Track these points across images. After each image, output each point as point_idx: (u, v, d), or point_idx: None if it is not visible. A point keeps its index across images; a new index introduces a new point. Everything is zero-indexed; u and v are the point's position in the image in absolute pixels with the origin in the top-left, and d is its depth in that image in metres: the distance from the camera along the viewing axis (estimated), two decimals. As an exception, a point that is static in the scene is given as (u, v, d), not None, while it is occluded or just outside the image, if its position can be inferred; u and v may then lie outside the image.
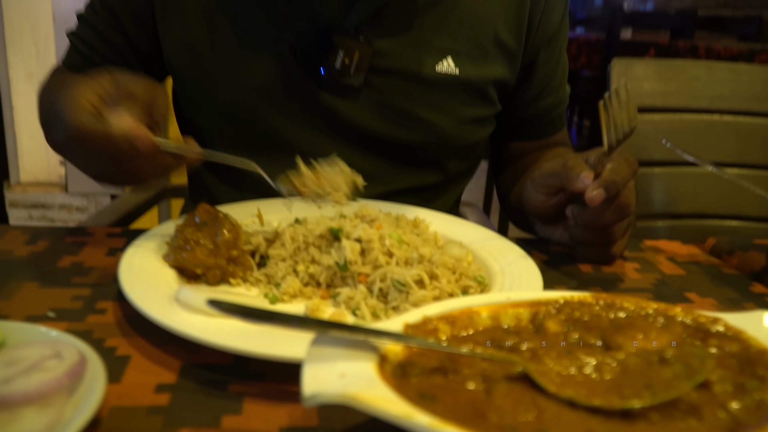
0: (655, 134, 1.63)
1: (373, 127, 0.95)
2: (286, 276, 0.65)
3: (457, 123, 0.99)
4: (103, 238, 0.80)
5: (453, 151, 1.02)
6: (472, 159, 1.09)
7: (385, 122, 0.95)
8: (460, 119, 0.99)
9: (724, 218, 1.65)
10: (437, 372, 0.44)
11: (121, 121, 0.63)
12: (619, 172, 0.72)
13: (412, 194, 0.99)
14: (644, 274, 0.79)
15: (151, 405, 0.49)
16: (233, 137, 0.96)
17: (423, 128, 0.97)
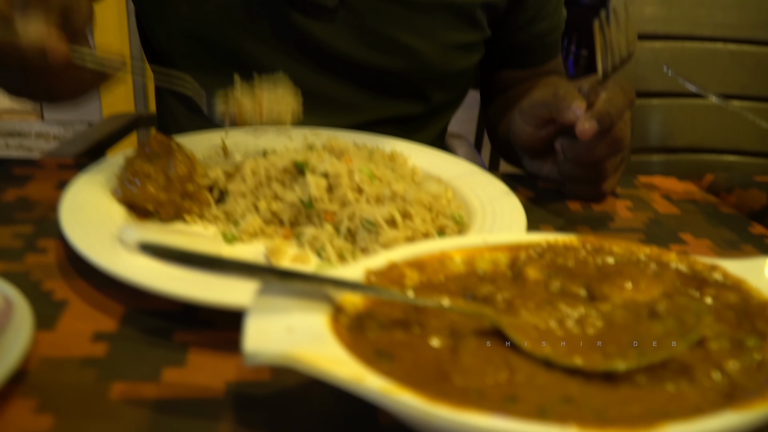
0: (656, 63, 1.55)
1: (350, 52, 0.87)
2: (245, 213, 0.59)
3: (442, 49, 0.91)
4: (54, 170, 0.74)
5: (437, 80, 0.95)
6: (459, 89, 1.01)
7: (362, 47, 0.87)
8: (445, 45, 0.91)
9: (722, 153, 1.59)
10: (399, 325, 0.39)
11: (29, 28, 0.54)
12: (614, 103, 0.66)
13: (393, 125, 0.93)
14: (636, 213, 0.74)
15: (86, 356, 0.44)
16: (200, 60, 0.89)
17: (404, 54, 0.89)
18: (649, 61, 1.54)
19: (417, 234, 0.56)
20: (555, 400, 0.32)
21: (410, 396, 0.30)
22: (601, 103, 0.65)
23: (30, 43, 0.54)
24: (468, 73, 1.00)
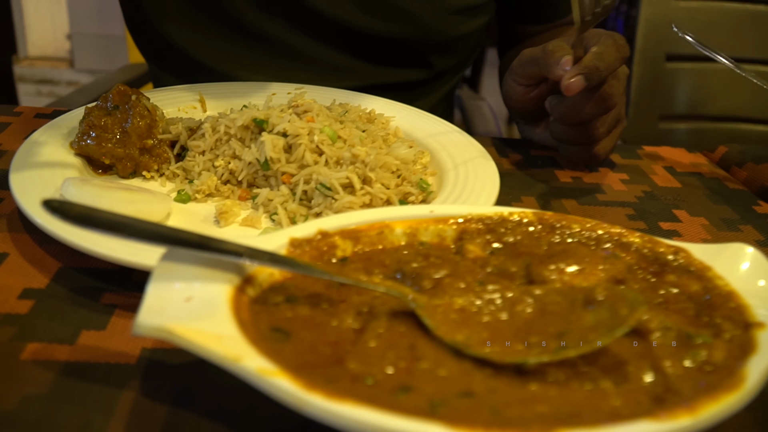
0: (691, 23, 1.45)
1: (347, 17, 0.82)
2: (202, 171, 0.57)
3: (442, 14, 0.85)
4: (29, 119, 0.72)
5: (438, 46, 0.89)
6: (464, 54, 0.95)
7: (359, 12, 0.82)
8: (446, 9, 0.85)
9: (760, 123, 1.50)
10: (310, 301, 0.36)
11: None
12: (605, 57, 0.60)
13: (393, 90, 0.87)
14: (631, 186, 0.69)
15: (8, 313, 0.43)
16: (196, 22, 0.84)
17: (402, 19, 0.84)
18: (684, 22, 1.45)
19: (376, 200, 0.53)
20: (452, 394, 0.29)
21: (285, 380, 0.28)
22: (589, 57, 0.60)
23: None
24: (473, 37, 0.94)
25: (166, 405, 0.36)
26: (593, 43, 0.61)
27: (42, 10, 2.59)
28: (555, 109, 0.66)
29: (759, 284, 0.38)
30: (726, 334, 0.35)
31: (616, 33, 0.64)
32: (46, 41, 2.64)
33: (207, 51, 0.85)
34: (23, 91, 2.64)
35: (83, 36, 2.51)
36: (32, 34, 2.63)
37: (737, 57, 1.48)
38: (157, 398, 0.36)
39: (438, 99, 0.98)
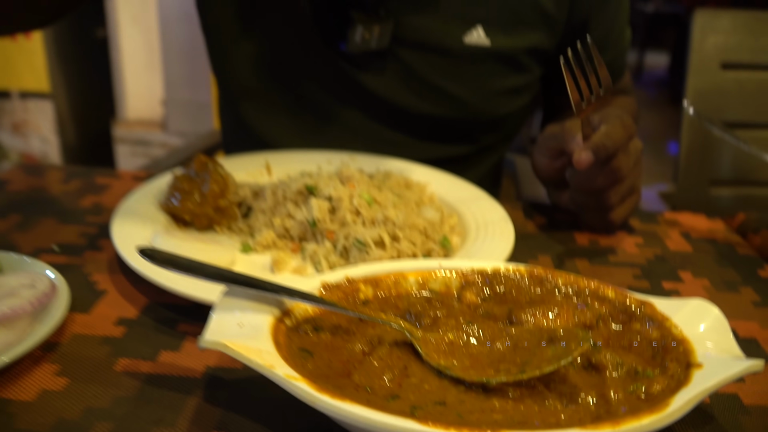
0: (740, 93, 1.51)
1: (399, 100, 0.93)
2: (262, 228, 0.68)
3: (488, 96, 0.94)
4: (128, 181, 0.87)
5: (484, 125, 0.98)
6: (508, 128, 1.03)
7: (411, 95, 0.92)
8: (491, 92, 0.94)
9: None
10: (333, 330, 0.46)
11: None
12: (611, 136, 0.69)
13: (440, 166, 0.93)
14: (644, 249, 0.76)
15: (107, 336, 0.55)
16: (267, 96, 0.97)
17: (451, 102, 0.93)
18: (733, 91, 1.50)
19: (402, 255, 0.63)
20: (429, 402, 0.39)
21: (305, 384, 0.38)
22: (597, 136, 0.69)
23: None
24: (518, 113, 1.01)
25: (221, 408, 0.46)
26: (602, 122, 0.70)
27: (140, 78, 2.89)
28: (572, 180, 0.74)
29: (707, 332, 0.45)
30: (670, 371, 0.43)
31: (624, 114, 0.72)
32: (142, 106, 2.93)
33: (273, 127, 0.98)
34: (120, 151, 2.92)
35: (175, 102, 2.78)
36: (130, 100, 2.92)
37: (787, 126, 1.51)
38: (214, 402, 0.47)
39: (484, 172, 1.05)
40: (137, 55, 2.83)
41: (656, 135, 4.81)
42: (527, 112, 1.05)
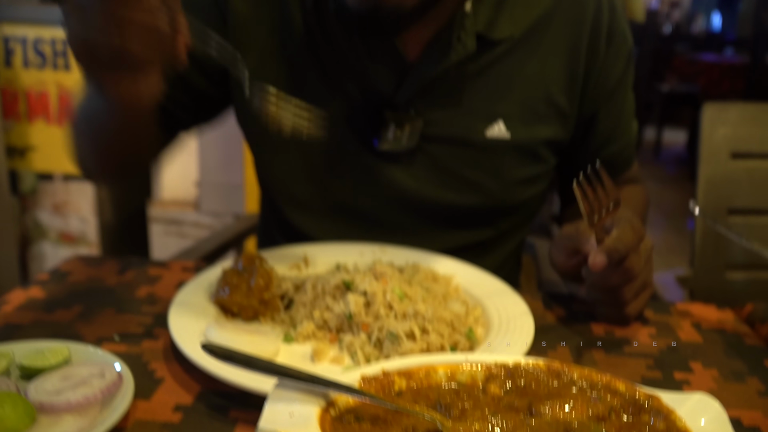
0: (750, 181, 1.57)
1: (427, 192, 1.00)
2: (303, 320, 0.75)
3: (508, 184, 1.01)
4: (177, 272, 0.95)
5: (504, 210, 1.05)
6: (525, 214, 1.11)
7: (438, 187, 1.00)
8: (511, 180, 1.01)
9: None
10: (373, 420, 0.52)
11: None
12: (623, 240, 0.76)
13: (461, 252, 1.01)
14: (657, 340, 0.81)
15: (166, 421, 0.61)
16: (301, 195, 1.04)
17: (474, 190, 1.00)
18: (743, 180, 1.56)
19: (432, 347, 0.69)
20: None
21: (350, 470, 0.44)
22: (610, 240, 0.76)
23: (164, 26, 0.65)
24: (534, 200, 1.08)
25: (271, 490, 0.52)
26: (614, 226, 0.77)
27: (176, 160, 3.03)
28: (588, 278, 0.81)
29: (708, 425, 0.51)
30: (674, 460, 0.48)
31: (634, 218, 0.79)
32: (176, 187, 3.07)
33: (309, 221, 1.05)
34: (154, 230, 3.04)
35: (209, 183, 2.91)
36: (166, 181, 3.06)
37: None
38: (265, 486, 0.53)
39: (505, 255, 1.12)
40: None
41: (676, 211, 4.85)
42: (543, 198, 1.13)
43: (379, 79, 0.96)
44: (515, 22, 0.96)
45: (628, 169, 1.14)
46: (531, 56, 0.97)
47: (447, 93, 0.97)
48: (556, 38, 0.98)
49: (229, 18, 0.98)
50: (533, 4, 0.97)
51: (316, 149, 1.00)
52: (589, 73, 1.00)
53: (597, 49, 0.99)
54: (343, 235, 1.03)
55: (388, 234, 1.02)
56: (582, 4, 0.98)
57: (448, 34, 0.93)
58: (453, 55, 0.93)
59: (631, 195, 1.11)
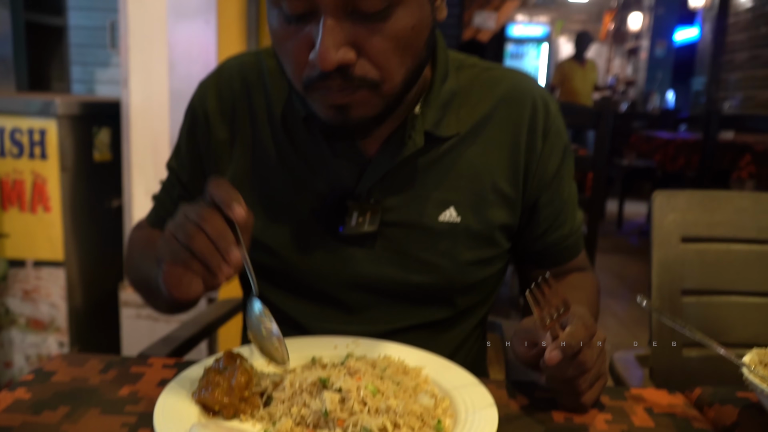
0: (701, 264, 1.67)
1: (387, 272, 1.09)
2: (282, 416, 0.80)
3: (461, 265, 1.11)
4: (159, 369, 0.99)
5: (460, 290, 1.14)
6: (483, 293, 1.19)
7: (397, 267, 1.09)
8: (465, 261, 1.11)
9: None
10: None
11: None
12: (575, 336, 0.83)
13: (423, 329, 1.12)
14: (612, 425, 0.87)
15: None
16: (272, 280, 1.13)
17: (430, 271, 1.10)
18: (694, 262, 1.66)
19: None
20: None
21: None
22: (564, 336, 0.83)
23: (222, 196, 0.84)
24: (491, 280, 1.18)
25: None
26: (567, 323, 0.85)
27: (149, 245, 3.06)
28: (545, 371, 0.87)
29: None
30: None
31: (586, 314, 0.87)
32: (149, 270, 3.08)
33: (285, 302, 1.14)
34: (125, 314, 3.03)
35: (181, 267, 2.94)
36: (139, 265, 3.08)
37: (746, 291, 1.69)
38: None
39: (466, 333, 1.21)
40: (147, 224, 3.04)
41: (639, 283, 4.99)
42: (500, 279, 1.23)
43: (342, 174, 1.08)
44: (460, 121, 1.09)
45: (576, 256, 1.24)
46: (476, 150, 1.10)
47: (402, 183, 1.08)
48: (498, 134, 1.11)
49: (211, 143, 1.14)
50: (476, 106, 1.11)
51: (286, 237, 1.09)
52: (529, 166, 1.12)
53: (534, 146, 1.12)
54: (307, 314, 1.13)
55: (349, 313, 1.11)
56: (519, 107, 1.12)
57: (401, 133, 1.06)
58: (405, 151, 1.05)
59: (582, 284, 1.20)
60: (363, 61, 0.89)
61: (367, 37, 0.88)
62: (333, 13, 0.85)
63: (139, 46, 2.78)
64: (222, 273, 0.82)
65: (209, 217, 0.82)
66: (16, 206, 2.71)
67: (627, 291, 4.84)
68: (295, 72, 0.93)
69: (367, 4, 0.86)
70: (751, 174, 4.18)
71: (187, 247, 0.82)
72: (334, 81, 0.89)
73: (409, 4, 0.89)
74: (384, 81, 0.92)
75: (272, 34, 0.95)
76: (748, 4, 7.77)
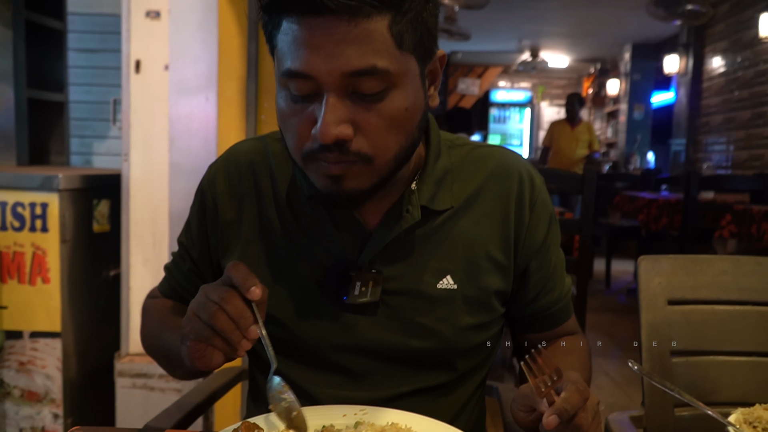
0: (687, 324, 1.73)
1: (389, 338, 1.15)
2: (300, 484, 0.84)
3: (460, 329, 1.17)
4: (174, 440, 1.03)
5: (459, 353, 1.20)
6: (481, 356, 1.25)
7: (398, 333, 1.15)
8: (462, 326, 1.17)
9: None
10: None
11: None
12: (570, 401, 0.89)
13: (426, 393, 1.17)
14: (609, 485, 0.92)
15: None
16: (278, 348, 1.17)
17: (430, 336, 1.16)
18: (680, 323, 1.73)
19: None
20: None
21: None
22: (559, 402, 0.89)
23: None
24: (492, 340, 1.24)
25: None
26: (562, 389, 0.91)
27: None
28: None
29: None
30: None
31: (579, 380, 0.93)
32: (145, 340, 3.10)
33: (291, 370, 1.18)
34: (120, 383, 3.02)
35: (178, 335, 2.96)
36: (134, 335, 3.10)
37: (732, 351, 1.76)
38: None
39: (466, 397, 1.25)
40: (144, 293, 3.06)
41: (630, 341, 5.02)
42: (497, 342, 1.29)
43: (345, 246, 1.15)
44: (453, 195, 1.18)
45: (566, 321, 1.31)
46: (469, 221, 1.19)
47: (402, 253, 1.16)
48: (489, 207, 1.20)
49: (219, 224, 1.22)
50: (468, 181, 1.20)
51: (292, 307, 1.15)
52: (518, 235, 1.20)
53: (522, 217, 1.21)
54: (312, 381, 1.18)
55: (353, 379, 1.16)
56: (507, 181, 1.21)
57: (399, 207, 1.14)
58: (404, 223, 1.14)
59: (573, 348, 1.27)
60: (359, 138, 0.99)
61: (364, 115, 0.98)
62: (335, 92, 0.95)
63: (141, 121, 2.89)
64: (242, 348, 0.88)
65: (230, 299, 0.89)
66: (15, 278, 2.75)
67: (618, 350, 4.87)
68: (297, 145, 1.02)
69: (365, 86, 0.96)
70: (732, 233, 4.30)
71: (210, 325, 0.88)
72: (331, 153, 0.98)
73: (404, 88, 1.00)
74: (377, 156, 1.01)
75: (279, 113, 1.05)
76: (721, 69, 8.12)
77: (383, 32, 0.95)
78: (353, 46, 0.93)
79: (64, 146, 3.68)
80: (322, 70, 0.94)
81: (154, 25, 2.88)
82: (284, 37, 0.97)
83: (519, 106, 14.35)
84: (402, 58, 0.98)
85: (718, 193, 5.91)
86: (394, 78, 0.98)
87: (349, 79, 0.94)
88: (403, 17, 0.97)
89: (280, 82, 1.01)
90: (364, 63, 0.93)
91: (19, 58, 3.19)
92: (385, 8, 0.94)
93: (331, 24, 0.92)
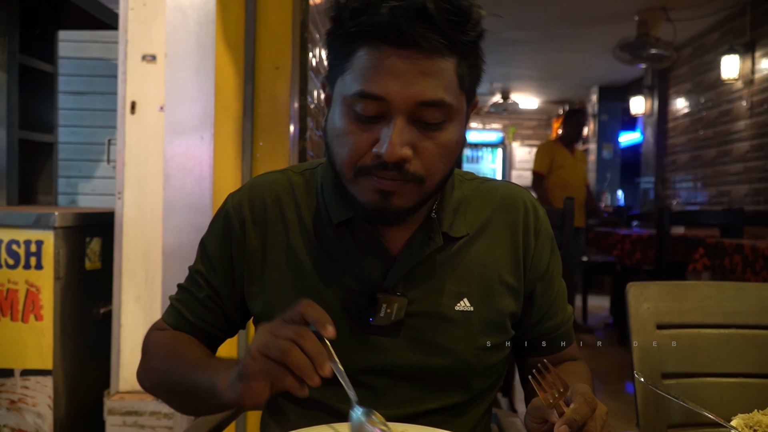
0: (676, 349, 1.82)
1: (410, 358, 1.21)
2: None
3: (476, 349, 1.24)
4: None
5: (475, 373, 1.26)
6: (494, 377, 1.32)
7: (419, 353, 1.22)
8: (479, 346, 1.24)
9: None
10: None
11: None
12: (579, 411, 0.96)
13: (441, 413, 1.22)
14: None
15: None
16: None
17: (449, 355, 1.22)
18: (669, 347, 1.82)
19: None
20: None
21: None
22: (568, 412, 0.96)
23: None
24: (501, 364, 1.31)
25: None
26: (571, 400, 0.98)
27: (137, 351, 3.09)
28: None
29: None
30: None
31: (587, 392, 1.00)
32: (134, 378, 3.09)
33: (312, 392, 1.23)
34: (111, 422, 3.00)
35: (170, 372, 2.96)
36: (125, 372, 3.09)
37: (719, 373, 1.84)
38: None
39: (478, 418, 1.31)
40: (136, 330, 3.07)
41: (611, 375, 5.11)
42: (506, 363, 1.35)
43: (371, 270, 1.22)
44: (468, 223, 1.28)
45: (569, 346, 1.40)
46: (483, 247, 1.28)
47: (423, 277, 1.23)
48: (499, 234, 1.29)
49: (246, 250, 1.28)
50: (479, 211, 1.30)
51: None
52: (525, 261, 1.30)
53: (528, 244, 1.30)
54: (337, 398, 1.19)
55: (374, 397, 1.21)
56: (514, 211, 1.32)
57: (422, 234, 1.23)
58: (427, 249, 1.22)
59: (577, 371, 1.35)
60: (416, 160, 1.09)
61: (423, 141, 1.09)
62: (404, 117, 1.07)
63: (135, 160, 2.94)
64: (313, 383, 0.95)
65: (306, 335, 0.96)
66: (8, 316, 2.74)
67: (601, 384, 4.95)
68: (350, 159, 1.11)
69: (429, 116, 1.08)
70: (706, 266, 4.45)
71: (282, 362, 0.94)
72: (390, 171, 1.08)
73: (458, 123, 1.13)
74: (427, 179, 1.12)
75: (332, 129, 1.14)
76: (685, 109, 8.45)
77: (451, 71, 1.08)
78: (429, 79, 1.05)
79: (51, 186, 3.70)
80: (399, 96, 1.04)
81: (149, 68, 2.96)
82: (361, 61, 1.07)
83: (491, 146, 14.65)
84: (460, 97, 1.12)
85: (689, 228, 6.11)
86: (453, 113, 1.10)
87: (419, 107, 1.05)
88: (465, 61, 1.11)
89: (344, 101, 1.10)
90: (434, 95, 1.05)
91: (12, 100, 3.24)
92: (456, 51, 1.08)
93: (412, 57, 1.03)
